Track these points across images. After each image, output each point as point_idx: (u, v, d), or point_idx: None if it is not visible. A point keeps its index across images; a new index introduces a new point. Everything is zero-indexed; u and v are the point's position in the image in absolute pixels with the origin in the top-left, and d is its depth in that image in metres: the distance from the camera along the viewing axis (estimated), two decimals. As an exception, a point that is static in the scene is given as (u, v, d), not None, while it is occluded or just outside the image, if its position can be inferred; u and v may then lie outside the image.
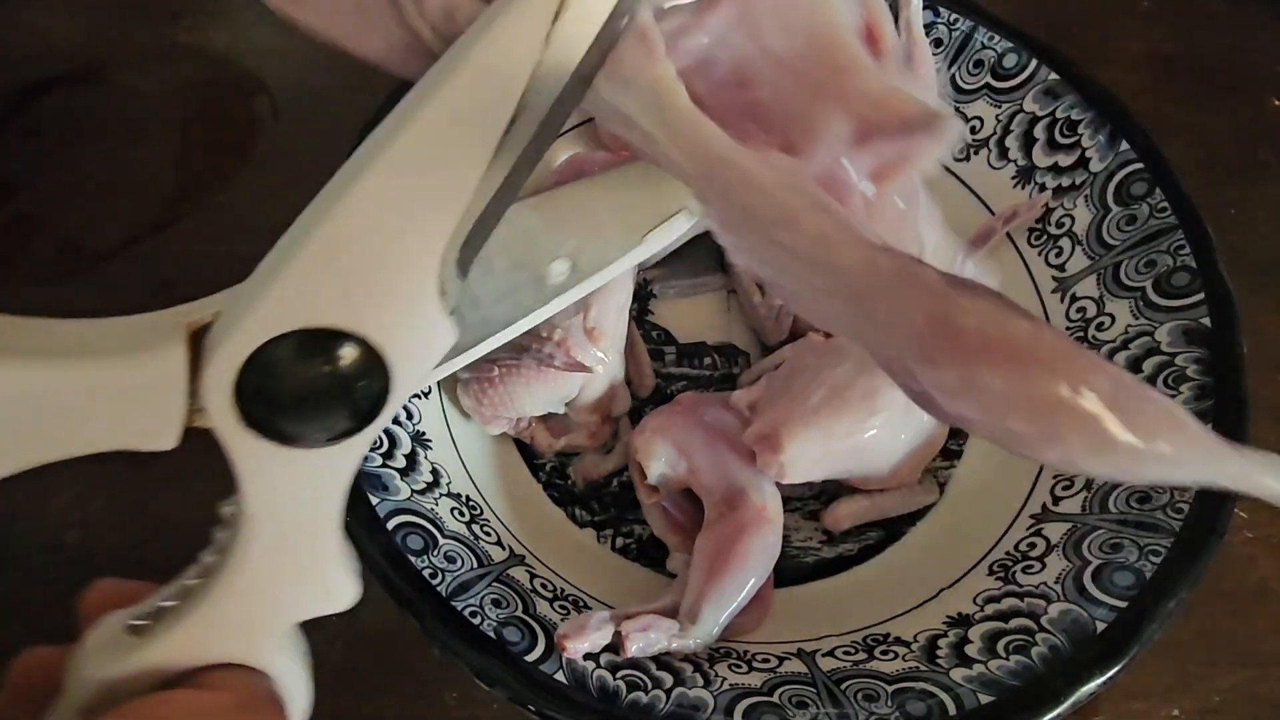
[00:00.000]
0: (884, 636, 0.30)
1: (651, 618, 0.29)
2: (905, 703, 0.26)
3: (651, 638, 0.28)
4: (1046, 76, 0.37)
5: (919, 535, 0.34)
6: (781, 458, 0.31)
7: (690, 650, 0.29)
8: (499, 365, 0.33)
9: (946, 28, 0.38)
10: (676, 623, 0.29)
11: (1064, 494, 0.31)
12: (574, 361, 0.32)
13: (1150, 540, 0.28)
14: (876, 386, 0.31)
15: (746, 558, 0.30)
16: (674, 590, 0.31)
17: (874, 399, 0.31)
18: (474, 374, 0.33)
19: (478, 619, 0.27)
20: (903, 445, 0.32)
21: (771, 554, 0.31)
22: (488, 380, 0.33)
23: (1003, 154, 0.38)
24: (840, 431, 0.31)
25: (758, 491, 0.31)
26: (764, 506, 0.31)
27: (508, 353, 0.33)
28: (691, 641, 0.29)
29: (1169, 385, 0.31)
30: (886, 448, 0.32)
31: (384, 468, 0.29)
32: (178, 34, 0.53)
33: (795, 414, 0.31)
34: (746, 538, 0.30)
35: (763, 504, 0.31)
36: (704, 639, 0.29)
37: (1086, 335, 0.34)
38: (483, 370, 0.33)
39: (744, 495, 0.31)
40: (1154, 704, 0.33)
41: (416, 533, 0.28)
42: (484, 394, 0.33)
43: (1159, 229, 0.33)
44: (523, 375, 0.33)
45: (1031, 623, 0.27)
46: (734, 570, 0.30)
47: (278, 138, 0.49)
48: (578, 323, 0.33)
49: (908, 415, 0.32)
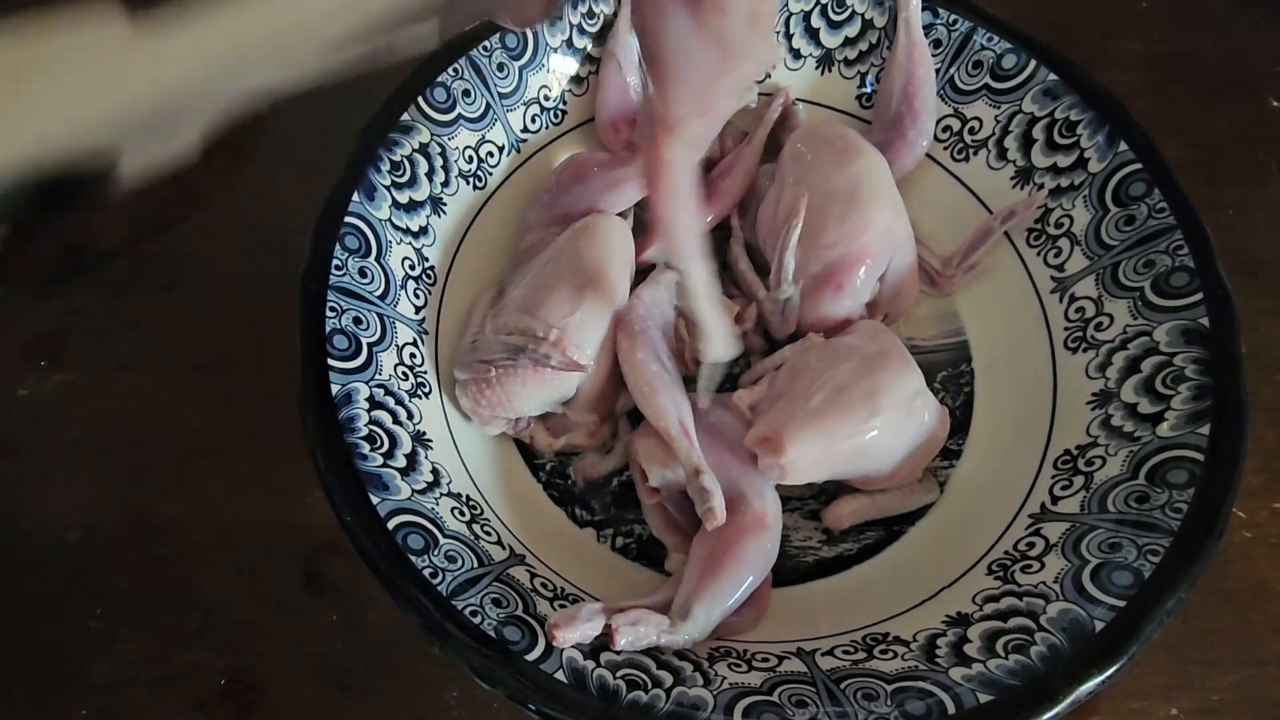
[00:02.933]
0: (883, 636, 0.30)
1: (642, 612, 0.29)
2: (904, 702, 0.26)
3: (640, 631, 0.28)
4: (1045, 77, 0.37)
5: (918, 535, 0.34)
6: (783, 460, 0.31)
7: (679, 646, 0.29)
8: (495, 366, 0.33)
9: (946, 28, 0.39)
10: (666, 618, 0.29)
11: (1063, 494, 0.31)
12: (570, 361, 0.32)
13: (1149, 540, 0.28)
14: (878, 386, 0.31)
15: (743, 560, 0.30)
16: (668, 587, 0.31)
17: (876, 399, 0.31)
18: (471, 375, 0.33)
19: (478, 618, 0.27)
20: (904, 445, 0.32)
21: (768, 559, 0.31)
22: (484, 381, 0.33)
23: (1002, 154, 0.38)
24: (842, 433, 0.31)
25: (758, 497, 0.31)
26: (764, 512, 0.31)
27: (504, 354, 0.33)
28: (680, 637, 0.29)
29: (1168, 385, 0.31)
30: (888, 448, 0.32)
31: (384, 468, 0.29)
32: (178, 35, 0.53)
33: (797, 416, 0.31)
34: (744, 541, 0.30)
35: (763, 509, 0.31)
36: (693, 636, 0.29)
37: (1085, 335, 0.34)
38: (479, 371, 0.33)
39: (744, 500, 0.31)
40: (1153, 703, 0.34)
41: (417, 532, 0.28)
42: (481, 395, 0.33)
43: (1158, 229, 0.33)
44: (519, 376, 0.33)
45: (1030, 622, 0.28)
46: (729, 571, 0.30)
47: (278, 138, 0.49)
48: (573, 322, 0.33)
49: (909, 415, 0.32)
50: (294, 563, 0.36)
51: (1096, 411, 0.32)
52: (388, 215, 0.34)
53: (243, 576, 0.36)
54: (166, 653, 0.35)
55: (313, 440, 0.29)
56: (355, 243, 0.33)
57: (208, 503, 0.38)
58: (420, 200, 0.36)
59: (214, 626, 0.35)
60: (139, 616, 0.35)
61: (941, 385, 0.37)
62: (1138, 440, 0.30)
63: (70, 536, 0.37)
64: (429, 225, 0.36)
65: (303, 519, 0.37)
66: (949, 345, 0.38)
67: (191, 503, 0.38)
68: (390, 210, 0.34)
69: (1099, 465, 0.31)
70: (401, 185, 0.35)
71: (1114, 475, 0.30)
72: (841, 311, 0.36)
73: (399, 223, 0.35)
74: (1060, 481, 0.32)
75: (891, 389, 0.31)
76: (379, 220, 0.34)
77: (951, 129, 0.40)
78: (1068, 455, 0.32)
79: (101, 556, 0.37)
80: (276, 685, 0.34)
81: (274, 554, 0.36)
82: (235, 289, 0.42)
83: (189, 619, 0.35)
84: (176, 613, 0.35)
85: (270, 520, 0.37)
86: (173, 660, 0.35)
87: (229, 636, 0.35)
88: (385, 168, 0.34)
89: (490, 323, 0.34)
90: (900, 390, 0.31)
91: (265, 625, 0.35)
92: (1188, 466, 0.29)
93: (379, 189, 0.34)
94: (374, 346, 0.32)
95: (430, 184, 0.36)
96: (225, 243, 0.45)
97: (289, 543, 0.37)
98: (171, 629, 0.35)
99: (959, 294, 0.39)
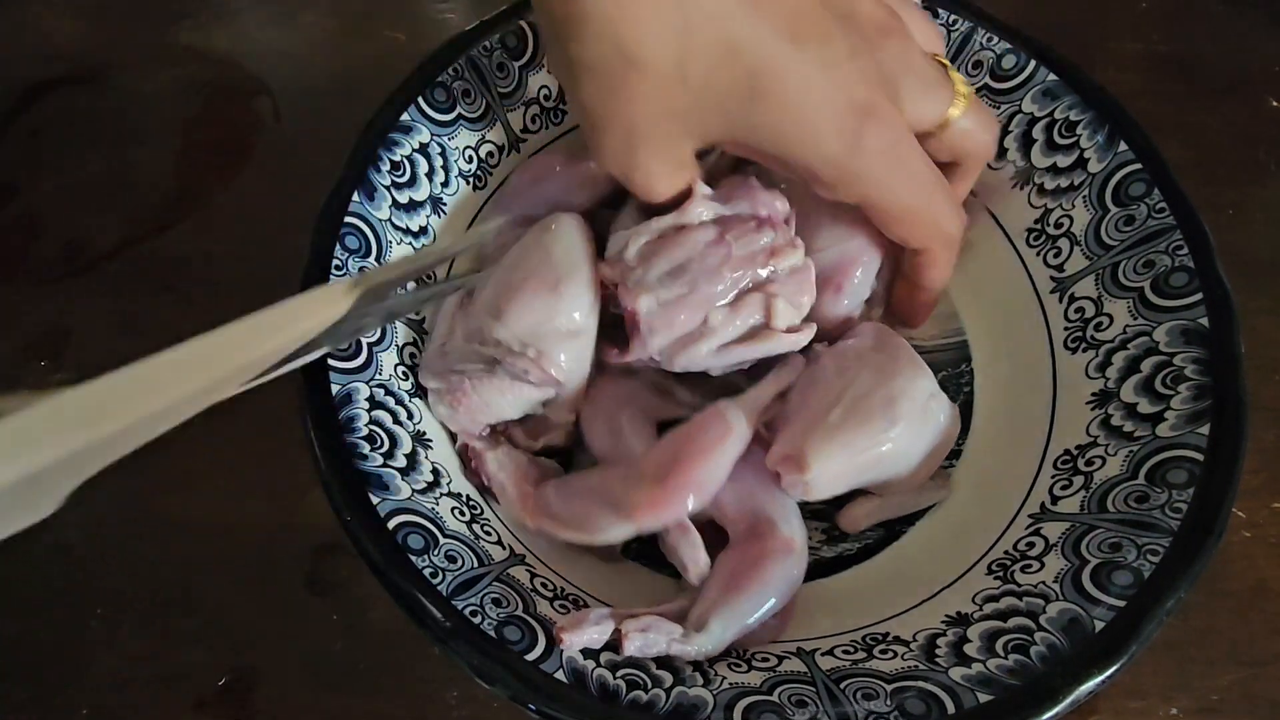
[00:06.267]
0: (883, 635, 0.30)
1: (653, 619, 0.29)
2: (904, 702, 0.26)
3: (650, 638, 0.28)
4: (1045, 77, 0.37)
5: (918, 534, 0.34)
6: (807, 477, 0.30)
7: (690, 657, 0.29)
8: (469, 378, 0.32)
9: (946, 28, 0.39)
10: (678, 627, 0.29)
11: (1063, 493, 0.31)
12: (548, 376, 0.32)
13: (1149, 540, 0.28)
14: (895, 394, 0.31)
15: (767, 581, 0.29)
16: (682, 597, 0.31)
17: (894, 407, 0.31)
18: (445, 385, 0.33)
19: (478, 618, 0.27)
20: (922, 448, 0.32)
21: (793, 585, 0.30)
22: (460, 391, 0.32)
23: (1001, 154, 0.38)
24: (863, 444, 0.30)
25: (785, 523, 0.31)
26: (791, 538, 0.30)
27: (480, 365, 0.32)
28: (693, 648, 0.28)
29: (1167, 385, 0.31)
30: (908, 453, 0.31)
31: (384, 468, 0.29)
32: (179, 35, 0.53)
33: (816, 431, 0.30)
34: (769, 562, 0.30)
35: (790, 535, 0.30)
36: (706, 650, 0.29)
37: (1085, 335, 0.34)
38: (453, 383, 0.33)
39: (772, 524, 0.30)
40: (1152, 703, 0.34)
41: (417, 532, 0.28)
42: (459, 403, 0.33)
43: (1157, 229, 0.33)
44: (496, 385, 0.32)
45: (1030, 622, 0.28)
46: (752, 590, 0.29)
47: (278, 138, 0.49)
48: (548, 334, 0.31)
49: (925, 418, 0.31)
50: (294, 563, 0.36)
51: (1096, 411, 0.32)
52: (388, 215, 0.34)
53: (243, 576, 0.36)
54: (166, 652, 0.35)
55: (313, 440, 0.29)
56: (355, 243, 0.33)
57: (208, 503, 0.38)
58: (420, 200, 0.36)
59: (214, 626, 0.35)
60: (139, 616, 0.35)
61: (941, 385, 0.37)
62: (1137, 440, 0.30)
63: (70, 536, 0.37)
64: (429, 225, 0.36)
65: (303, 519, 0.37)
66: (949, 345, 0.38)
67: (191, 503, 0.38)
68: (390, 210, 0.34)
69: (1099, 465, 0.31)
70: (401, 185, 0.35)
71: (1114, 475, 0.30)
72: (842, 312, 0.36)
73: (399, 223, 0.35)
74: (1060, 481, 0.32)
75: (907, 395, 0.31)
76: (379, 220, 0.34)
77: (951, 129, 0.40)
78: (1067, 455, 0.32)
79: (101, 556, 0.37)
80: (276, 685, 0.34)
81: (274, 554, 0.36)
82: (235, 289, 0.42)
83: (189, 619, 0.35)
84: (177, 612, 0.35)
85: (270, 520, 0.37)
86: (173, 660, 0.35)
87: (229, 636, 0.35)
88: (385, 168, 0.34)
89: (460, 326, 0.33)
90: (916, 395, 0.31)
91: (265, 625, 0.35)
92: (1187, 466, 0.29)
93: (379, 189, 0.34)
94: (374, 346, 0.32)
95: (430, 184, 0.36)
96: (225, 243, 0.45)
97: (289, 543, 0.37)
98: (171, 629, 0.35)
99: (959, 294, 0.39)
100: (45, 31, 0.53)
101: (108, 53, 0.52)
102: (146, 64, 0.52)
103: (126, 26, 0.53)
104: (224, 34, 0.53)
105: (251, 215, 0.46)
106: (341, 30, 0.53)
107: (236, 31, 0.53)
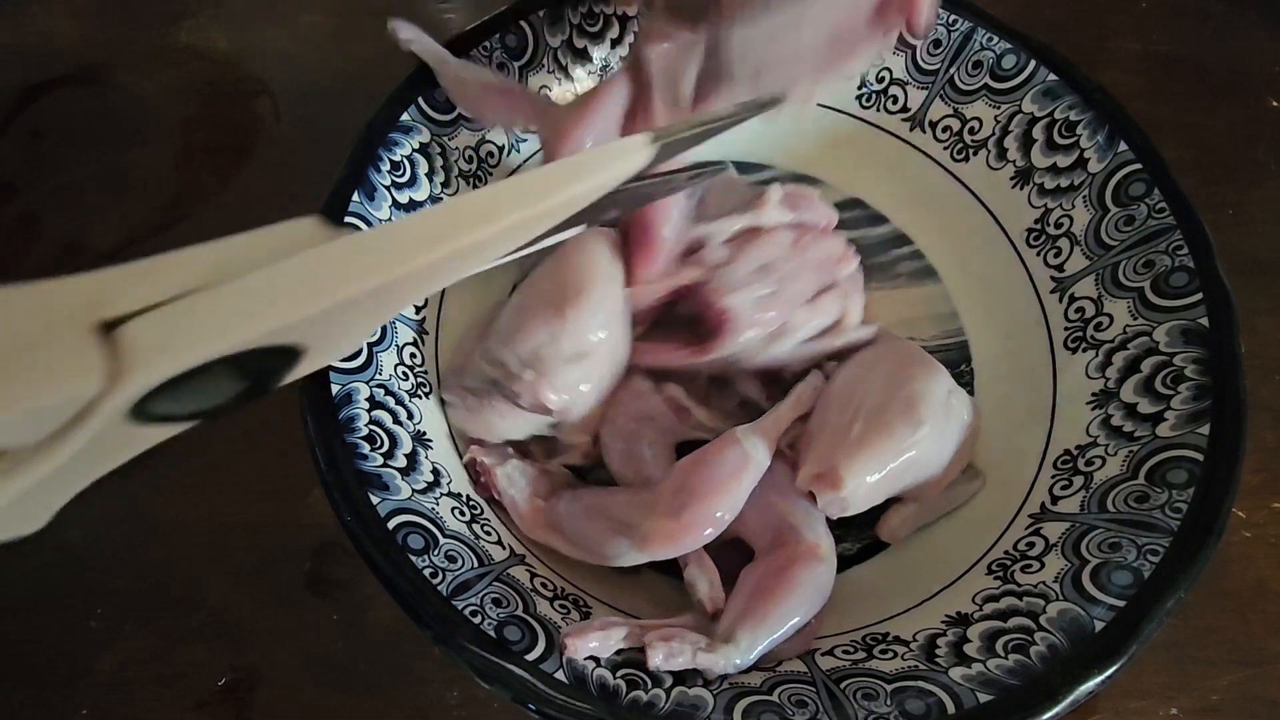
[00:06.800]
0: (883, 635, 0.30)
1: (677, 629, 0.28)
2: (904, 702, 0.26)
3: (675, 647, 0.27)
4: (1045, 77, 0.37)
5: (918, 535, 0.34)
6: (843, 493, 0.30)
7: (719, 670, 0.28)
8: (470, 395, 0.32)
9: (946, 28, 0.39)
10: (702, 637, 0.28)
11: (1063, 493, 0.32)
12: (538, 404, 0.31)
13: (1148, 540, 0.28)
14: (914, 397, 0.31)
15: (795, 588, 0.29)
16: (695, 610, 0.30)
17: (915, 410, 0.30)
18: (456, 399, 0.33)
19: (478, 618, 0.27)
20: (950, 446, 0.32)
21: (823, 593, 0.29)
22: (465, 407, 0.33)
23: (1001, 154, 0.38)
24: (892, 452, 0.30)
25: (810, 530, 0.30)
26: (817, 544, 0.30)
27: (482, 384, 0.32)
28: (721, 660, 0.27)
29: (1167, 385, 0.31)
30: (936, 453, 0.31)
31: (385, 468, 0.29)
32: (179, 35, 0.53)
33: (844, 445, 0.30)
34: (797, 569, 0.29)
35: (815, 541, 0.30)
36: (736, 663, 0.28)
37: (1085, 335, 0.34)
38: (462, 396, 0.33)
39: (795, 532, 0.30)
40: (1152, 703, 0.34)
41: (417, 532, 0.28)
42: (466, 420, 0.33)
43: (1157, 229, 0.33)
44: (496, 408, 0.32)
45: (1030, 622, 0.28)
46: (780, 598, 0.28)
47: (278, 138, 0.49)
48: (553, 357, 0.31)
49: (948, 416, 0.31)
50: (294, 563, 0.36)
51: (1096, 411, 0.32)
52: (388, 215, 0.34)
53: (243, 576, 0.36)
54: (167, 652, 0.35)
55: (313, 440, 0.29)
56: (355, 243, 0.33)
57: (208, 503, 0.38)
58: (420, 200, 0.36)
59: (214, 626, 0.35)
60: (140, 616, 0.35)
61: (941, 385, 0.37)
62: (1138, 440, 0.31)
63: (70, 536, 0.37)
64: (429, 225, 0.36)
65: (303, 519, 0.37)
66: (949, 345, 0.38)
67: (191, 502, 0.38)
68: (390, 210, 0.34)
69: (1099, 465, 0.31)
70: (401, 185, 0.35)
71: (1114, 475, 0.30)
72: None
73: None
74: (1060, 481, 0.32)
75: (926, 396, 0.31)
76: (379, 220, 0.34)
77: (951, 129, 0.40)
78: (1067, 455, 0.32)
79: (102, 556, 0.37)
80: (277, 684, 0.34)
81: (274, 554, 0.36)
82: (235, 289, 0.42)
83: (189, 618, 0.35)
84: (177, 612, 0.35)
85: (270, 520, 0.37)
86: (173, 659, 0.35)
87: (229, 636, 0.35)
88: (385, 168, 0.34)
89: (479, 345, 0.33)
90: (935, 394, 0.31)
91: (265, 625, 0.35)
92: (1187, 466, 0.29)
93: (379, 189, 0.34)
94: (374, 346, 0.32)
95: (430, 184, 0.36)
96: (225, 243, 0.45)
97: (289, 543, 0.37)
98: (172, 628, 0.35)
99: (959, 294, 0.39)
100: (45, 31, 0.53)
101: (108, 53, 0.52)
102: (146, 64, 0.52)
103: (126, 26, 0.53)
104: (224, 34, 0.53)
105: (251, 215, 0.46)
106: (341, 30, 0.53)
107: (236, 31, 0.53)
